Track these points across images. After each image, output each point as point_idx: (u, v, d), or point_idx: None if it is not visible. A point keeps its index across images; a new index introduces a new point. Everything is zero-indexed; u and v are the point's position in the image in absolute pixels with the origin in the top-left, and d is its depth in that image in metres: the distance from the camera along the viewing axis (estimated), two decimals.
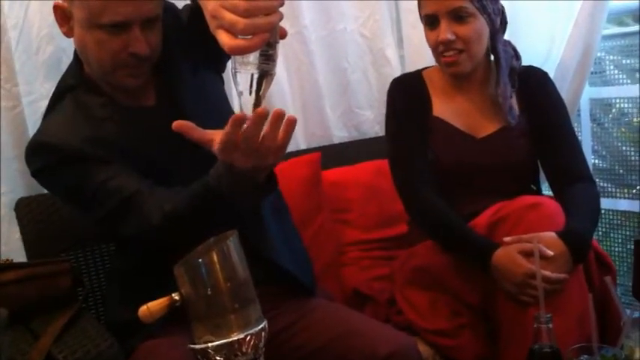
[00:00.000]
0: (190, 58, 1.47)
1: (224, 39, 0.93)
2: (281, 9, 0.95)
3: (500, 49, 1.77)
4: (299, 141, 2.35)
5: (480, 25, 1.70)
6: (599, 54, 2.34)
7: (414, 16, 2.41)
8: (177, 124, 1.15)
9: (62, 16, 1.38)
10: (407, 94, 1.86)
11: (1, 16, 1.85)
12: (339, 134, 2.45)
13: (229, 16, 0.91)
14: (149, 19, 1.34)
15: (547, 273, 1.49)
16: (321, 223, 2.06)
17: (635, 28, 2.32)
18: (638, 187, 2.36)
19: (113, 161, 1.36)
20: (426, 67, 1.91)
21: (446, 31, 1.69)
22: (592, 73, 2.34)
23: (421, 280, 1.74)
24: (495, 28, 1.74)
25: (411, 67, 2.47)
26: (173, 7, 1.51)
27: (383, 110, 2.47)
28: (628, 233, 2.43)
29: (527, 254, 1.53)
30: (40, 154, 1.41)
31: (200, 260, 0.91)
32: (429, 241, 1.75)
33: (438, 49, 1.73)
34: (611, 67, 2.40)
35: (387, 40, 2.50)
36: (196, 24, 1.16)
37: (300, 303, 1.54)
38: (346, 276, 2.01)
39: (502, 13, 1.77)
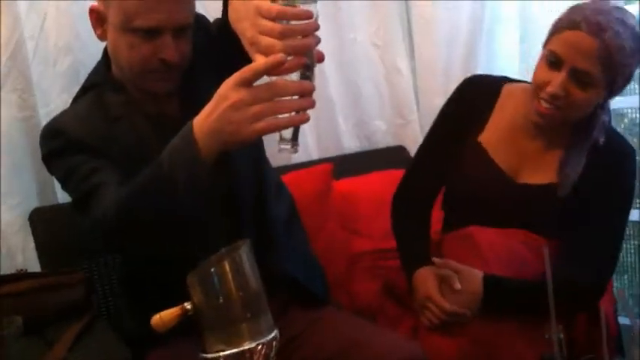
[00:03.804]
0: (218, 73, 1.48)
1: (254, 58, 0.99)
2: None
3: (599, 120, 1.58)
4: (311, 151, 2.36)
5: (595, 97, 1.51)
6: None
7: (425, 26, 2.46)
8: None
9: (97, 18, 1.41)
10: (467, 103, 1.71)
11: (19, 26, 1.87)
12: (351, 144, 2.46)
13: (266, 40, 0.97)
14: (181, 27, 1.37)
15: (442, 302, 1.53)
16: (332, 232, 2.07)
17: None
18: None
19: (115, 161, 1.37)
20: (513, 81, 1.73)
21: (559, 87, 1.49)
22: None
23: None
24: (610, 98, 1.57)
25: (422, 78, 2.52)
26: (204, 20, 1.53)
27: (394, 120, 2.52)
28: None
29: (442, 279, 1.58)
30: (49, 139, 1.45)
31: (212, 270, 0.92)
32: None
33: (541, 93, 1.53)
34: None
35: (398, 51, 2.50)
36: (226, 40, 1.18)
37: (310, 312, 1.55)
38: (357, 285, 2.01)
39: (629, 81, 1.56)
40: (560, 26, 1.51)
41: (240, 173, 1.50)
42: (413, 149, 2.47)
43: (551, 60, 1.51)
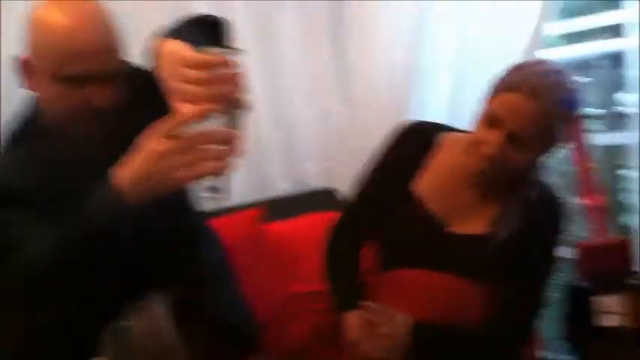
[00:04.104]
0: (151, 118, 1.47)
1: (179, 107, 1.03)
2: None
3: (531, 179, 1.59)
4: (242, 195, 2.35)
5: (531, 158, 1.52)
6: None
7: (356, 70, 2.51)
8: None
9: (26, 69, 1.39)
10: (403, 150, 1.69)
11: None
12: (283, 187, 2.48)
13: (192, 89, 1.02)
14: (110, 74, 1.36)
15: (368, 349, 1.52)
16: (264, 276, 2.07)
17: None
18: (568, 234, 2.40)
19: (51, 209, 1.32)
20: (450, 129, 1.72)
21: (496, 148, 1.48)
22: None
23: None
24: (542, 157, 1.56)
25: (355, 122, 2.55)
26: (149, 75, 1.53)
27: (326, 163, 2.54)
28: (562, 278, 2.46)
29: (371, 323, 1.55)
30: None
31: (127, 325, 0.91)
32: None
33: (478, 150, 1.52)
34: None
35: (330, 95, 2.55)
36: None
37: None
38: (289, 328, 2.01)
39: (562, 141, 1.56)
40: (501, 87, 1.50)
41: (168, 220, 1.49)
42: (342, 191, 2.51)
43: (490, 119, 1.50)
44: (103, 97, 1.36)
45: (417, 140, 1.70)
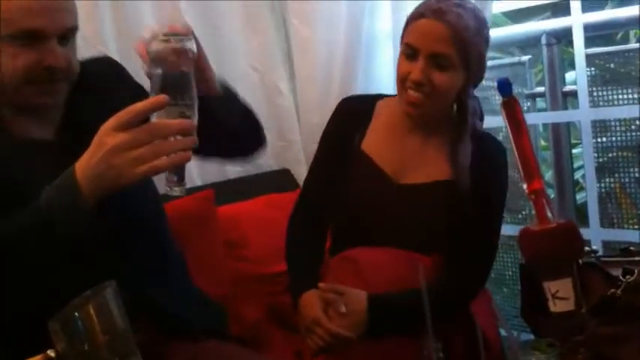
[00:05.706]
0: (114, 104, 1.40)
1: None
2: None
3: (468, 105, 1.66)
4: (193, 177, 2.32)
5: (457, 78, 1.60)
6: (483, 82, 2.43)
7: (304, 47, 2.49)
8: None
9: None
10: (345, 120, 1.77)
11: None
12: (234, 169, 2.44)
13: None
14: (66, 32, 1.31)
15: (328, 324, 1.54)
16: (217, 259, 2.05)
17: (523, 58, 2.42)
18: (523, 212, 2.45)
19: None
20: (385, 96, 1.81)
21: (420, 73, 1.57)
22: None
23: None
24: (470, 82, 1.65)
25: (303, 99, 2.54)
26: (114, 63, 1.54)
27: (277, 143, 2.52)
28: (518, 256, 2.50)
29: (328, 303, 1.58)
30: None
31: (76, 314, 0.88)
32: None
33: (405, 83, 1.61)
34: (496, 97, 2.48)
35: (278, 73, 2.52)
36: None
37: (191, 346, 1.51)
38: (242, 310, 1.99)
39: (483, 65, 1.66)
40: (409, 20, 1.63)
41: (135, 208, 1.43)
42: (296, 171, 2.49)
43: (408, 52, 1.60)
44: (58, 57, 1.30)
45: (357, 107, 1.78)
